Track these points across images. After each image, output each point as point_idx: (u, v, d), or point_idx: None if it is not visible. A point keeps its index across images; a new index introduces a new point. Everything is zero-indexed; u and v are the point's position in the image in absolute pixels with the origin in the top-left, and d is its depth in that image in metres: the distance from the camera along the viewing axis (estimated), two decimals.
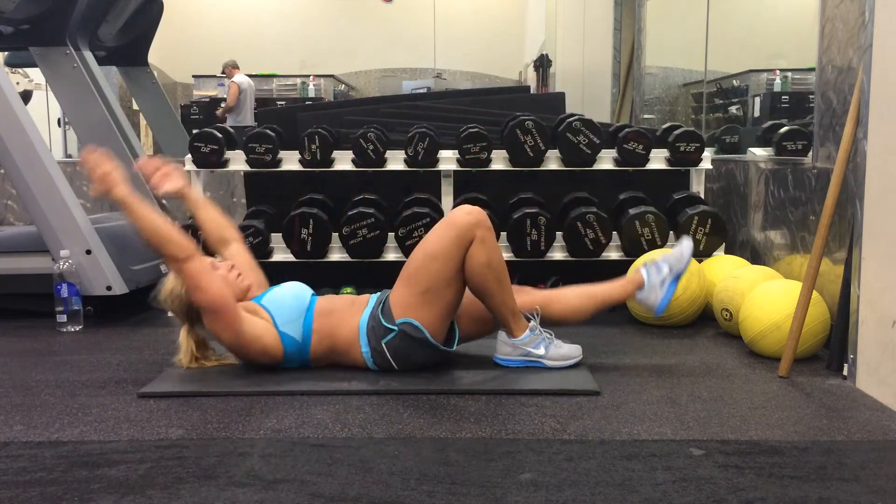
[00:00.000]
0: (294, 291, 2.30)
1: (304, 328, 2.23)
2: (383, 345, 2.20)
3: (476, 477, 1.57)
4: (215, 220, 2.50)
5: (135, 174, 3.83)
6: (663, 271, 2.37)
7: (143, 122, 7.00)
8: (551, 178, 3.48)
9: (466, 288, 2.25)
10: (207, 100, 9.20)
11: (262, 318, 2.21)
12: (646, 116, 5.66)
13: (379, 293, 2.32)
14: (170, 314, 2.37)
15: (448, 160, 3.34)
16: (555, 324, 2.36)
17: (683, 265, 2.38)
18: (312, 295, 2.32)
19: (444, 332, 2.25)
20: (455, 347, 2.31)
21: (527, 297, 2.35)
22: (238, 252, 2.46)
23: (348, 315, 2.26)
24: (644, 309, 2.38)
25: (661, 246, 3.16)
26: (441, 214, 3.23)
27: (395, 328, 2.19)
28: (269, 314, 2.21)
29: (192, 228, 3.22)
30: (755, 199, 3.22)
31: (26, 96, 6.08)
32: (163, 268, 3.44)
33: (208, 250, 2.45)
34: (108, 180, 2.13)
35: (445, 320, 2.23)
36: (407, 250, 3.13)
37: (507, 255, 3.14)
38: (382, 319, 2.20)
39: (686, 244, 2.41)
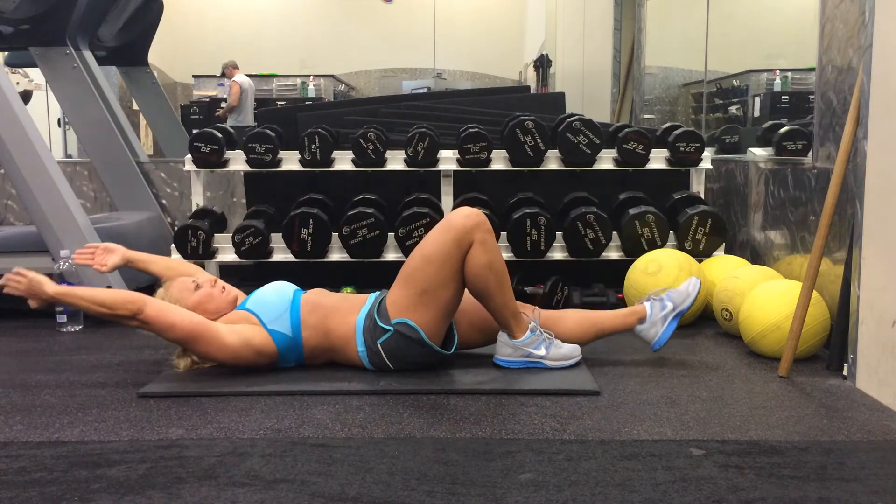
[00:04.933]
0: (275, 288, 2.33)
1: (291, 321, 2.23)
2: (378, 345, 2.21)
3: (476, 477, 1.57)
4: (169, 266, 2.53)
5: (135, 176, 3.85)
6: (667, 307, 2.38)
7: (143, 122, 6.99)
8: (551, 178, 3.48)
9: (467, 293, 2.25)
10: (207, 100, 9.20)
11: (250, 324, 2.22)
12: (646, 116, 5.66)
13: (377, 293, 2.33)
14: None
15: (448, 160, 3.34)
16: None
17: (688, 304, 2.40)
18: (296, 290, 2.34)
19: (442, 334, 2.25)
20: (452, 351, 2.31)
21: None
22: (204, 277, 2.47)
23: (343, 312, 2.26)
24: (643, 338, 2.40)
25: (661, 246, 3.16)
26: (441, 214, 3.23)
27: (391, 328, 2.19)
28: (256, 316, 2.23)
29: (193, 228, 3.23)
30: (755, 199, 3.22)
31: (26, 96, 6.08)
32: None
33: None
34: (34, 288, 2.12)
35: (442, 322, 2.22)
36: (407, 250, 3.13)
37: (506, 255, 3.14)
38: (378, 319, 2.20)
39: (693, 283, 2.42)
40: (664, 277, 2.82)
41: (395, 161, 3.38)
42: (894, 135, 2.01)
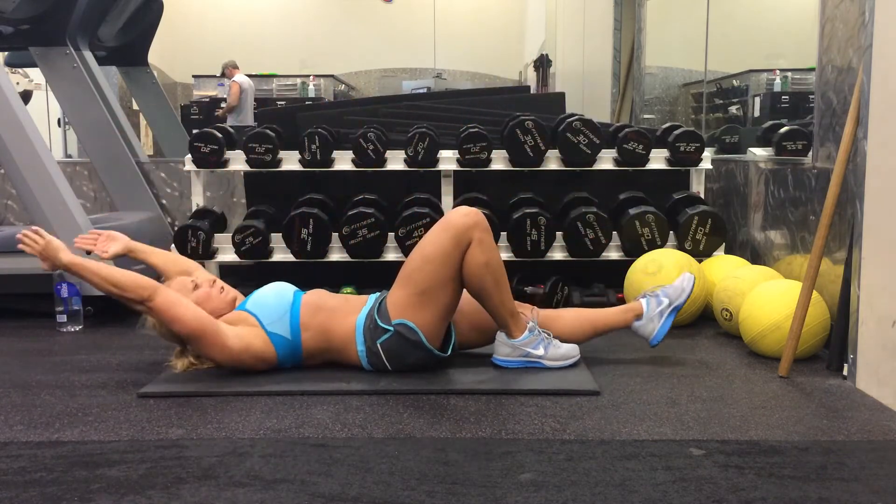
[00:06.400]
0: (275, 290, 2.32)
1: (291, 325, 2.23)
2: (378, 345, 2.21)
3: (476, 477, 1.57)
4: (169, 259, 2.54)
5: (135, 176, 3.85)
6: (663, 303, 2.38)
7: (143, 122, 7.00)
8: (551, 178, 3.48)
9: (465, 293, 2.25)
10: (207, 100, 9.20)
11: (249, 325, 2.21)
12: (646, 116, 5.66)
13: (378, 293, 2.33)
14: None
15: (448, 160, 3.34)
16: None
17: (683, 299, 2.40)
18: (296, 292, 2.33)
19: (441, 335, 2.25)
20: (450, 353, 2.31)
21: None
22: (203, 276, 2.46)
23: (343, 312, 2.26)
24: (640, 335, 2.41)
25: (661, 246, 3.16)
26: (441, 214, 3.23)
27: (391, 329, 2.19)
28: (255, 318, 2.22)
29: (193, 228, 3.23)
30: (755, 199, 3.22)
31: (26, 96, 6.08)
32: None
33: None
34: (49, 252, 2.19)
35: (442, 323, 2.22)
36: (407, 250, 3.13)
37: (507, 256, 3.14)
38: (378, 320, 2.20)
39: (687, 278, 2.42)
40: (664, 277, 2.82)
41: (395, 161, 3.38)
42: (894, 135, 2.01)
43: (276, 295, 2.29)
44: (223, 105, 8.43)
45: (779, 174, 2.97)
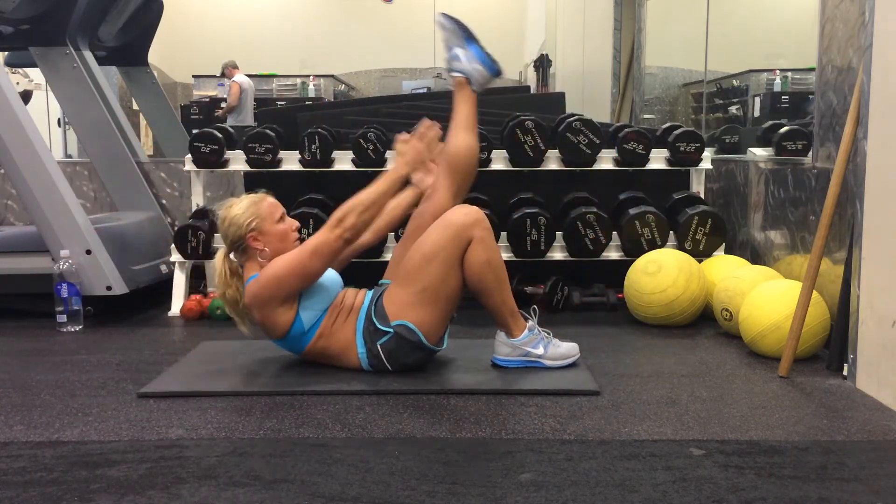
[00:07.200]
0: (331, 282, 2.29)
1: (316, 320, 2.23)
2: (378, 346, 2.21)
3: (476, 477, 1.57)
4: (391, 219, 2.55)
5: (135, 176, 3.85)
6: (456, 52, 2.42)
7: (143, 122, 6.99)
8: (551, 178, 3.48)
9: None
10: (207, 100, 9.19)
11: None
12: (646, 116, 5.66)
13: (372, 290, 2.32)
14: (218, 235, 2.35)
15: None
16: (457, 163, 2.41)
17: (453, 27, 2.43)
18: (337, 293, 2.31)
19: (440, 332, 2.25)
20: (445, 346, 2.30)
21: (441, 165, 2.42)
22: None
23: (348, 320, 2.25)
24: (485, 83, 2.44)
25: (661, 246, 3.16)
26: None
27: (391, 330, 2.18)
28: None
29: (193, 228, 3.23)
30: (755, 199, 3.22)
31: (26, 96, 6.08)
32: (163, 268, 3.44)
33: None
34: (413, 155, 2.37)
35: (441, 322, 2.22)
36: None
37: (506, 255, 3.14)
38: (376, 321, 2.20)
39: (440, 19, 2.46)
40: (664, 277, 2.82)
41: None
42: (894, 135, 2.01)
43: (327, 288, 2.26)
44: (223, 105, 8.43)
45: (779, 174, 2.97)
